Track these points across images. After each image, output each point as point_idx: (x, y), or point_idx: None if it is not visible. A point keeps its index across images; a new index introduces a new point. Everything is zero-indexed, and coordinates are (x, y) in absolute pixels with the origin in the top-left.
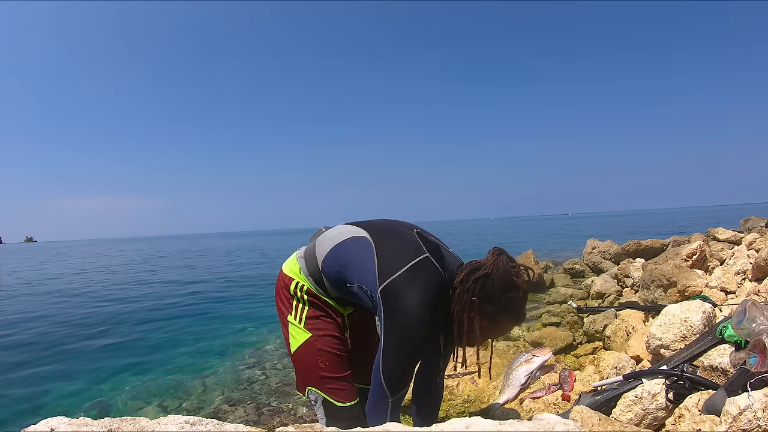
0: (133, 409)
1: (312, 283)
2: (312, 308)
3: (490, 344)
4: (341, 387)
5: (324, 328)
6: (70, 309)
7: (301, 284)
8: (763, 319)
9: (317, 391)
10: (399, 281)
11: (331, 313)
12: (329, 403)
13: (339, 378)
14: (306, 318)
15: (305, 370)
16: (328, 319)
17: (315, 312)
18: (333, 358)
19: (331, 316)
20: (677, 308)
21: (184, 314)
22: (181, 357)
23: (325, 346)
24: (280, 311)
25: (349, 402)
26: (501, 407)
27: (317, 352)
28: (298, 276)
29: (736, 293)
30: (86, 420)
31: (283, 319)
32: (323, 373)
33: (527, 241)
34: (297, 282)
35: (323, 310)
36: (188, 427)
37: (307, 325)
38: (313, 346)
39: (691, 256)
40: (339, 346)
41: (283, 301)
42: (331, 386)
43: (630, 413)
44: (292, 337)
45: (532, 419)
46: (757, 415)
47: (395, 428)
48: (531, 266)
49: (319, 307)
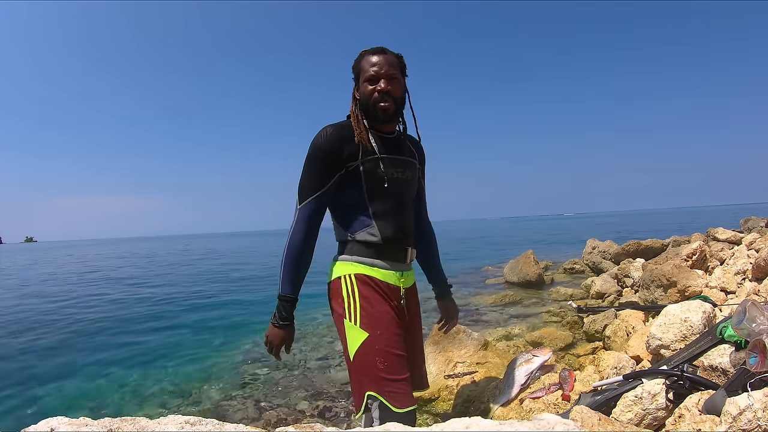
0: (133, 409)
1: (351, 257)
2: (363, 298)
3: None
4: (400, 390)
5: (381, 325)
6: (70, 309)
7: (345, 275)
8: (763, 319)
9: (376, 395)
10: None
11: (385, 295)
12: (386, 407)
13: (398, 380)
14: (361, 316)
15: (363, 374)
16: (384, 306)
17: (369, 302)
18: (392, 358)
19: (386, 298)
20: (677, 308)
21: (184, 314)
22: (182, 357)
23: (383, 345)
24: (337, 319)
25: (407, 407)
26: (501, 407)
27: (375, 353)
28: (340, 269)
29: (736, 293)
30: (86, 420)
31: (340, 327)
32: (382, 375)
33: (527, 241)
34: (341, 277)
35: (377, 292)
36: (188, 426)
37: (363, 324)
38: (371, 346)
39: (691, 256)
40: (398, 344)
41: (337, 307)
42: (390, 389)
43: (630, 413)
44: (349, 341)
45: (532, 419)
46: (757, 415)
47: (395, 428)
48: (531, 266)
49: (371, 290)
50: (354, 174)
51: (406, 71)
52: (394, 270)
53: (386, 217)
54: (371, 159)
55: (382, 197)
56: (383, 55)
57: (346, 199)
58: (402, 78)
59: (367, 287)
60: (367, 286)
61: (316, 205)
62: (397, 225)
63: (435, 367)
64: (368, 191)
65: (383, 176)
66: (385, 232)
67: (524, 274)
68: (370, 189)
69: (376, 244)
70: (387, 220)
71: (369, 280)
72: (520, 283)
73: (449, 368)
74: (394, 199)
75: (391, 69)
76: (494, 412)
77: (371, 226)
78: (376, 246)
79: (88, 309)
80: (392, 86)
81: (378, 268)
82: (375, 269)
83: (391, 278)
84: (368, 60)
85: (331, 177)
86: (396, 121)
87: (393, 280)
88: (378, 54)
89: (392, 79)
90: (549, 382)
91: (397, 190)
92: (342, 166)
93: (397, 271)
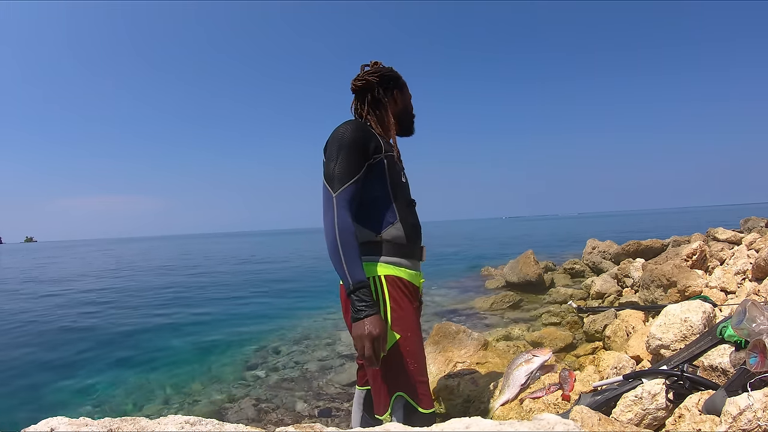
0: (133, 409)
1: (379, 258)
2: (393, 300)
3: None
4: (426, 392)
5: (411, 327)
6: (70, 309)
7: (374, 277)
8: (763, 319)
9: (405, 396)
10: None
11: (410, 294)
12: (412, 408)
13: (425, 381)
14: (392, 318)
15: (395, 375)
16: (410, 307)
17: (398, 304)
18: (421, 360)
19: (411, 299)
20: (677, 308)
21: (184, 314)
22: (182, 357)
23: (414, 347)
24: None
25: (431, 409)
26: (501, 407)
27: (408, 354)
28: (369, 270)
29: (736, 293)
30: (86, 420)
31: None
32: (414, 376)
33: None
34: (371, 278)
35: (404, 294)
36: (188, 426)
37: (395, 326)
38: (403, 347)
39: (691, 256)
40: (422, 345)
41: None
42: (420, 390)
43: (630, 413)
44: None
45: (532, 419)
46: (757, 415)
47: (395, 428)
48: (531, 266)
49: (400, 292)
50: (378, 166)
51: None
52: (415, 270)
53: (406, 213)
54: (391, 155)
55: (402, 192)
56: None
57: (372, 191)
58: None
59: (396, 289)
60: (396, 287)
61: (353, 191)
62: (415, 222)
63: (435, 367)
64: (392, 184)
65: (400, 172)
66: (408, 230)
67: (524, 275)
68: (393, 182)
69: (402, 244)
70: (408, 216)
71: (398, 281)
72: (520, 284)
73: (449, 368)
74: (409, 196)
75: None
76: (494, 412)
77: (396, 223)
78: (402, 246)
79: (87, 309)
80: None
81: (405, 269)
82: (402, 269)
83: (415, 279)
84: (408, 87)
85: (363, 165)
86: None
87: (416, 280)
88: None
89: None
90: (549, 382)
91: (408, 189)
92: (370, 155)
93: (417, 270)
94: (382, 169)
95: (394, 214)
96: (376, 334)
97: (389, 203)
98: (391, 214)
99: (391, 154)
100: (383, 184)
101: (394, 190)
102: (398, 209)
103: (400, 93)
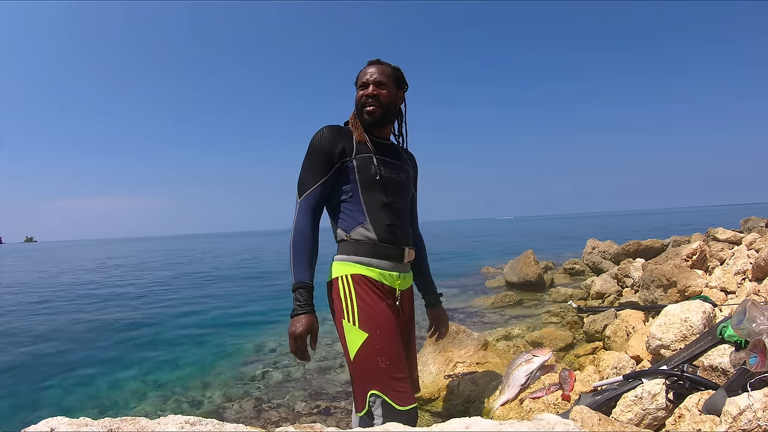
0: (133, 409)
1: (347, 257)
2: (360, 298)
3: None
4: (402, 388)
5: (380, 324)
6: (69, 308)
7: (343, 276)
8: (763, 319)
9: (379, 393)
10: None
11: (382, 294)
12: (389, 405)
13: (400, 378)
14: (359, 317)
15: (365, 374)
16: (381, 304)
17: (366, 302)
18: (393, 357)
19: (383, 297)
20: (677, 308)
21: (184, 314)
22: (181, 356)
23: (384, 345)
24: (336, 320)
25: (410, 405)
26: (501, 407)
27: (377, 352)
28: (337, 269)
29: (736, 293)
30: (86, 420)
31: (339, 328)
32: (385, 374)
33: (527, 241)
34: (338, 277)
35: (374, 292)
36: (188, 426)
37: (362, 325)
38: (372, 346)
39: (691, 256)
40: (398, 342)
41: (336, 308)
42: (393, 387)
43: (630, 413)
44: (349, 342)
45: (532, 419)
46: (757, 415)
47: (395, 428)
48: (531, 266)
49: (368, 290)
50: (348, 169)
51: (403, 84)
52: (390, 270)
53: (380, 213)
54: (364, 156)
55: (375, 192)
56: (377, 65)
57: (342, 193)
58: (395, 87)
59: (363, 287)
60: (363, 286)
61: (316, 196)
62: (391, 222)
63: (435, 367)
64: (361, 183)
65: (376, 171)
66: (380, 229)
67: (524, 275)
68: (363, 181)
69: (372, 242)
70: (381, 216)
71: (365, 280)
72: (520, 284)
73: (449, 368)
74: (387, 196)
75: (380, 77)
76: (494, 412)
77: (366, 223)
78: (372, 245)
79: (87, 309)
80: (379, 91)
81: (374, 268)
82: (371, 269)
83: (387, 279)
84: (364, 70)
85: (329, 170)
86: (385, 126)
87: (389, 281)
88: (373, 65)
89: (380, 84)
90: (549, 382)
91: (390, 189)
92: (338, 160)
93: (394, 271)
94: (351, 171)
95: (364, 215)
96: (299, 332)
97: (359, 204)
98: (360, 214)
99: (365, 155)
100: (352, 185)
101: (365, 191)
102: (369, 210)
103: (357, 87)
